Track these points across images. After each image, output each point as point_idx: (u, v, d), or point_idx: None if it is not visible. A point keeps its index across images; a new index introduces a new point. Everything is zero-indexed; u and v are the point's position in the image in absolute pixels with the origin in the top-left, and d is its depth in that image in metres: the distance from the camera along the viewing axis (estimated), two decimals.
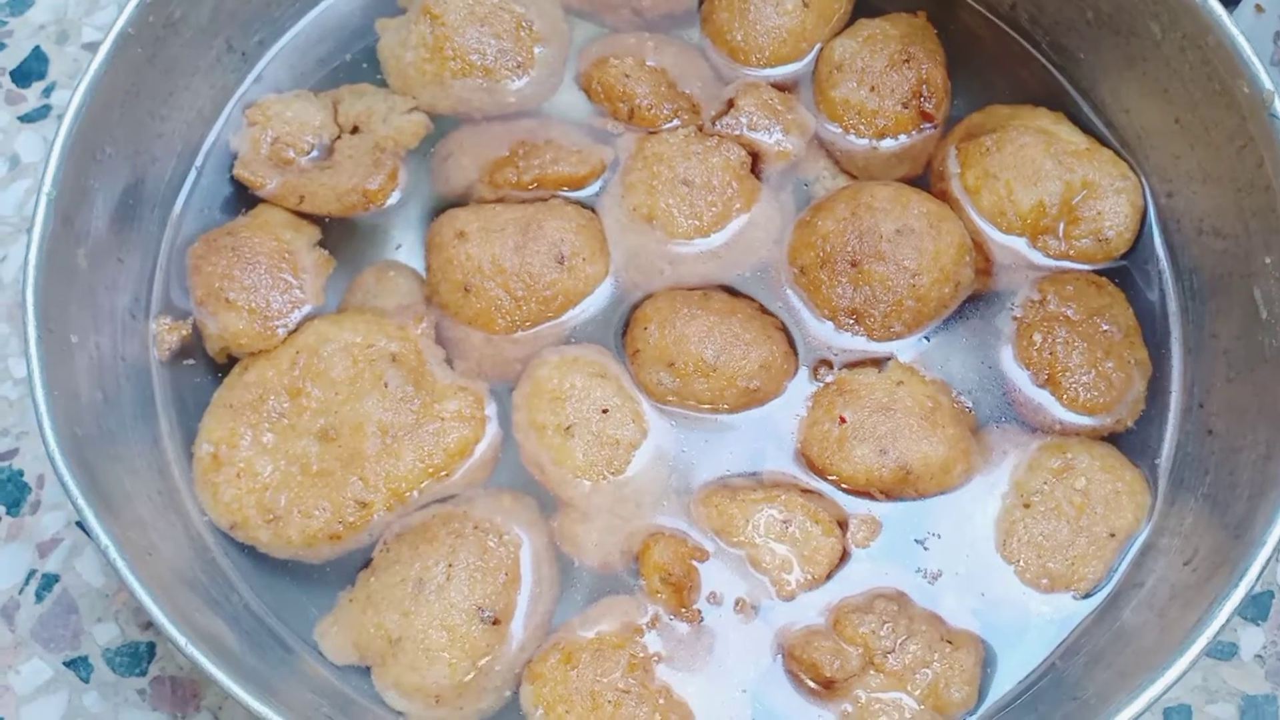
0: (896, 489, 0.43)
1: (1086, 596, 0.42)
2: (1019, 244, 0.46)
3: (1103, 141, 0.48)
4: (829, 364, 0.45)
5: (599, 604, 0.42)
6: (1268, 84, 0.41)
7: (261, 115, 0.48)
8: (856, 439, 0.43)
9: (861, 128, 0.49)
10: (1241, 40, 0.41)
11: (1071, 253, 0.46)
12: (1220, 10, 0.42)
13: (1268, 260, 0.41)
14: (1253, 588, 0.36)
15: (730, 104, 0.49)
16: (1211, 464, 0.42)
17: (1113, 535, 0.42)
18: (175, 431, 0.44)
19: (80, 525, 0.50)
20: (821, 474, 0.44)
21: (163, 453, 0.44)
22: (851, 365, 0.45)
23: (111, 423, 0.42)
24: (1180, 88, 0.44)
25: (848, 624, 0.41)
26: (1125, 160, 0.47)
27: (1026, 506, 0.43)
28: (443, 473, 0.43)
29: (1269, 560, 0.36)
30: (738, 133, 0.48)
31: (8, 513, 0.50)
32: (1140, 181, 0.47)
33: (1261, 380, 0.41)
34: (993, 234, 0.46)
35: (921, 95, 0.48)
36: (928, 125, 0.49)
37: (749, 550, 0.42)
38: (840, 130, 0.49)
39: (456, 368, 0.45)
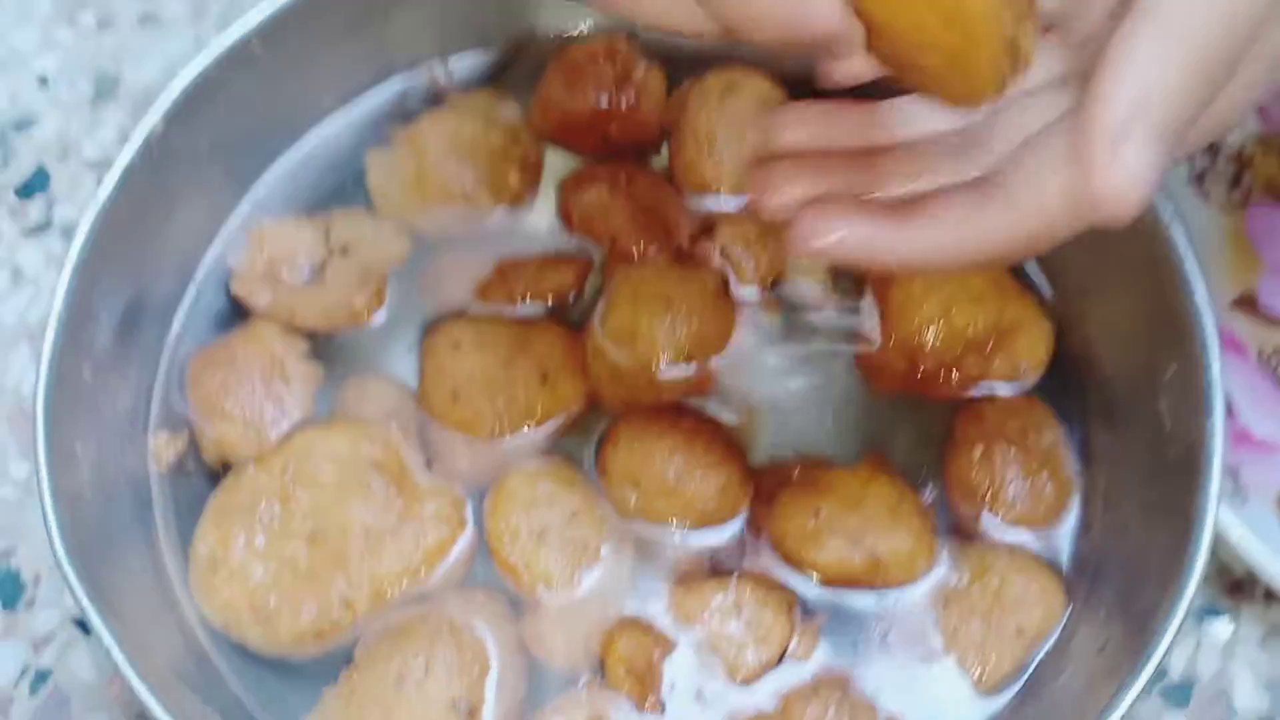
0: (865, 579, 0.47)
1: (998, 689, 0.46)
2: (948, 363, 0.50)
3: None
4: (788, 484, 0.48)
5: (566, 695, 0.45)
6: (1166, 209, 0.45)
7: (258, 236, 0.52)
8: (829, 530, 0.47)
9: None
10: None
11: (1000, 372, 0.50)
12: None
13: (1169, 374, 0.45)
14: (1157, 671, 0.40)
15: (704, 231, 0.53)
16: (1124, 559, 0.46)
17: (1021, 632, 0.46)
18: (172, 534, 0.47)
19: (76, 622, 0.52)
20: (796, 565, 0.47)
21: (159, 554, 0.47)
22: (823, 464, 0.49)
23: (111, 526, 0.45)
24: None
25: (795, 709, 0.44)
26: (1035, 291, 0.51)
27: (947, 604, 0.47)
28: (421, 571, 0.47)
29: (1171, 645, 0.40)
30: (712, 257, 0.52)
31: (4, 608, 0.53)
32: (1052, 307, 0.51)
33: (1166, 484, 0.45)
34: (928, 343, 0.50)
35: None
36: None
37: (706, 637, 0.46)
38: None
39: (436, 470, 0.49)
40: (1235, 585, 0.53)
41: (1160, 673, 0.46)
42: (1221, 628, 0.53)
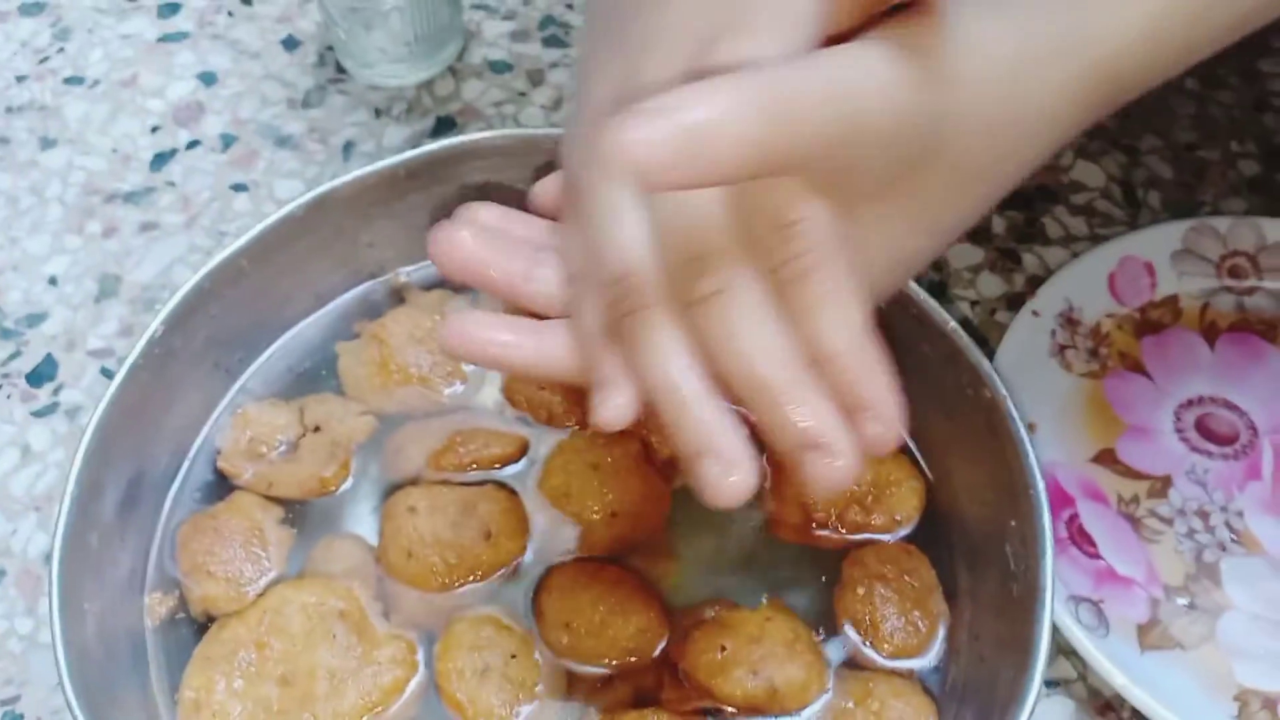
0: (766, 706, 0.54)
1: None
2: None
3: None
4: (700, 623, 0.56)
5: None
6: (1002, 390, 0.55)
7: (242, 418, 0.60)
8: (734, 663, 0.54)
9: None
10: (978, 353, 0.55)
11: (879, 523, 0.58)
12: (967, 338, 0.56)
13: (1013, 523, 0.54)
14: None
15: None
16: (983, 683, 0.53)
17: None
18: (163, 679, 0.54)
19: None
20: (707, 694, 0.54)
21: (152, 697, 0.54)
22: (731, 606, 0.56)
23: (112, 673, 0.52)
24: (947, 398, 0.58)
25: None
26: (908, 453, 0.60)
27: None
28: (379, 709, 0.53)
29: None
30: (634, 429, 0.61)
31: None
32: (922, 468, 0.60)
33: (1012, 617, 0.52)
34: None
35: None
36: None
37: None
38: None
39: (392, 619, 0.56)
40: (1105, 706, 0.61)
41: None
42: None
